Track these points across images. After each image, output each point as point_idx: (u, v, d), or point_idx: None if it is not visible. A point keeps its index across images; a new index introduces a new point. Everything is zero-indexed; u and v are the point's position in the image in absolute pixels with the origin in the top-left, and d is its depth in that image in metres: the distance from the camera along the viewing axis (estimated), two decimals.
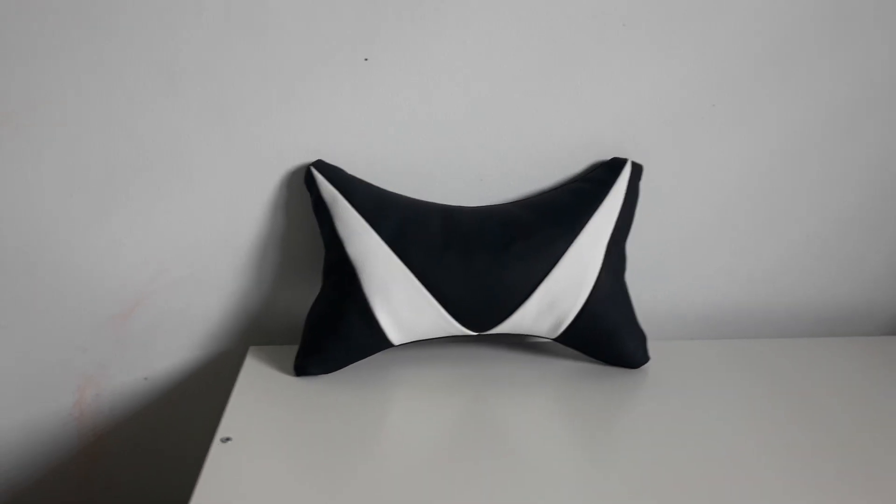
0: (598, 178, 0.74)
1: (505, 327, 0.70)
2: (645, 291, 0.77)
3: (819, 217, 0.82)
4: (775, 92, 0.75)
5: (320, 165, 0.72)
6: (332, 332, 0.69)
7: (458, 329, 0.70)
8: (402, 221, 0.68)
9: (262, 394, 0.68)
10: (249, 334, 0.80)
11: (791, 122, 0.77)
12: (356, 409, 0.65)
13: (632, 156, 0.75)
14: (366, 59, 0.70)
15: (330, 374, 0.71)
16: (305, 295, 0.75)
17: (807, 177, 0.80)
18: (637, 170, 0.74)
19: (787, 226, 0.82)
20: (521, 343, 0.79)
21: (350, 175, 0.73)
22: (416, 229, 0.68)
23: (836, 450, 0.60)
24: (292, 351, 0.72)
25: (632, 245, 0.75)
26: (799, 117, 0.77)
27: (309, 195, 0.72)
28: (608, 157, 0.76)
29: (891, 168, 0.80)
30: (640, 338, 0.74)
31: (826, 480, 0.56)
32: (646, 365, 0.74)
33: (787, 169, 0.79)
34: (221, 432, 0.61)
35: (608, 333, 0.72)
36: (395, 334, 0.69)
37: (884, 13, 0.74)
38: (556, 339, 0.73)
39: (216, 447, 0.59)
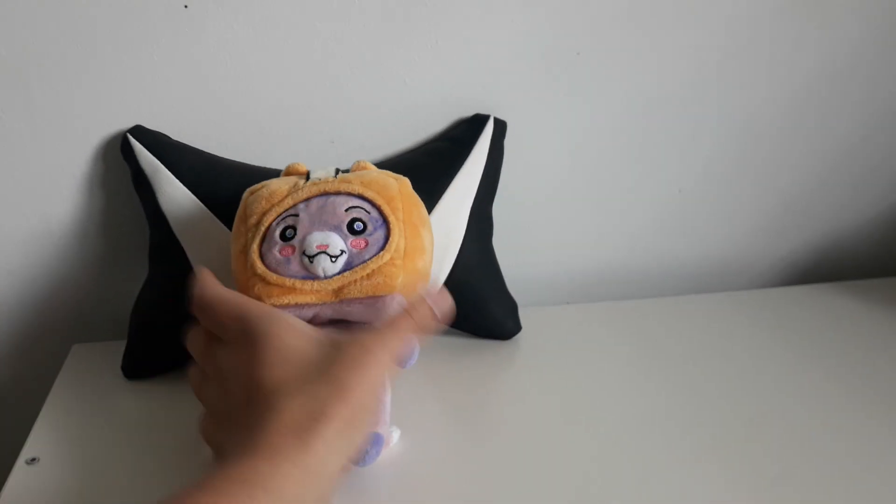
0: (459, 136, 0.68)
1: None
2: (513, 257, 0.72)
3: (690, 171, 0.80)
4: (643, 38, 0.71)
5: (139, 132, 0.62)
6: (162, 323, 0.60)
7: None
8: (238, 192, 0.60)
9: (82, 402, 0.59)
10: (73, 331, 0.70)
11: (659, 70, 0.73)
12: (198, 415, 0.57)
13: (494, 111, 0.70)
14: (185, 7, 0.61)
15: (166, 375, 0.61)
16: (134, 282, 0.66)
17: (676, 129, 0.77)
18: (501, 126, 0.69)
19: (658, 182, 0.79)
20: None
21: (175, 141, 0.63)
22: None
23: (717, 409, 0.58)
24: (122, 347, 0.63)
25: (498, 208, 0.69)
26: (667, 65, 0.73)
27: (128, 168, 0.62)
28: (469, 114, 0.70)
29: (761, 117, 0.79)
30: (511, 307, 0.69)
31: (709, 444, 0.54)
32: (518, 335, 0.69)
33: (657, 121, 0.76)
34: (27, 452, 0.52)
35: (476, 304, 0.67)
36: None
37: None
38: None
39: (19, 469, 0.50)
